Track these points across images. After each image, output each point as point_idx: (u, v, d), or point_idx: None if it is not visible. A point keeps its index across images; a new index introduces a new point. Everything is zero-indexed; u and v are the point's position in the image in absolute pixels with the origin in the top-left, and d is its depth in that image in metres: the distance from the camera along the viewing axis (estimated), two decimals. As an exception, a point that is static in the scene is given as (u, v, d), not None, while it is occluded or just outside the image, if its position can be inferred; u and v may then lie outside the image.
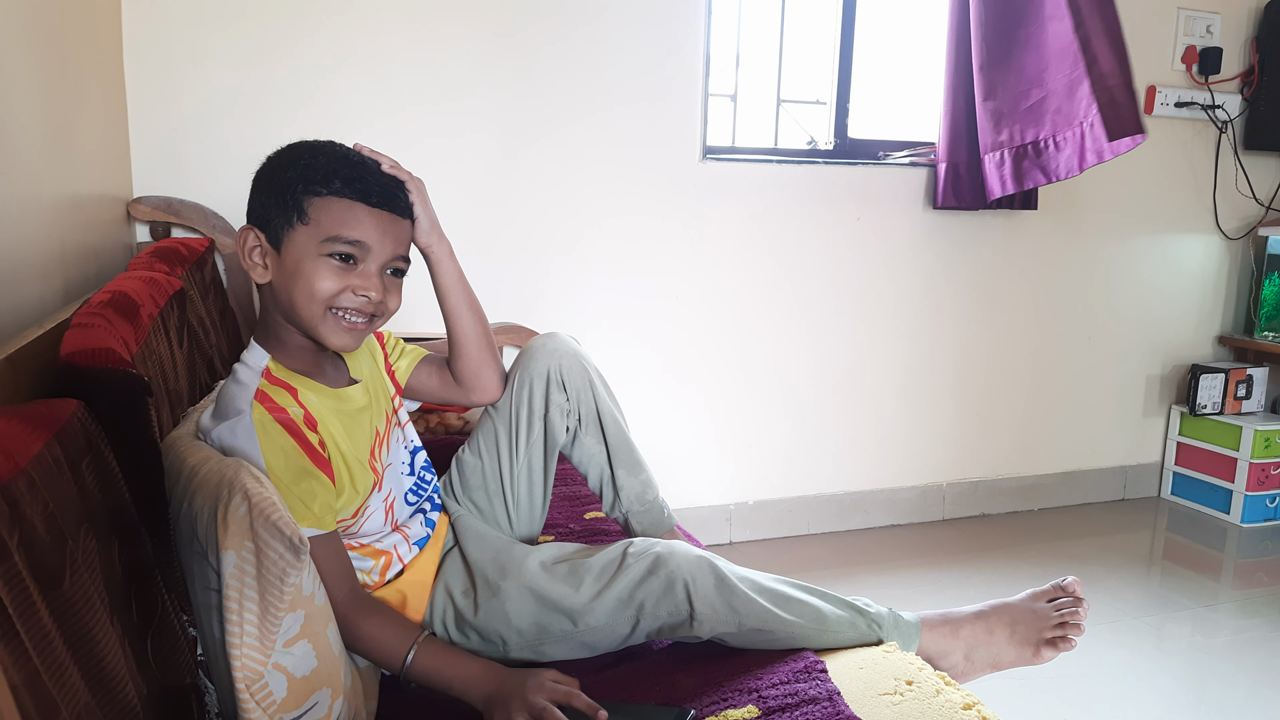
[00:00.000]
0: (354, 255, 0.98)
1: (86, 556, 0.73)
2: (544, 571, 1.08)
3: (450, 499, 1.26)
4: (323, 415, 1.00)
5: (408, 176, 1.08)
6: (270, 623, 0.79)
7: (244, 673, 0.77)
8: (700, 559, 1.07)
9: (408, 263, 1.04)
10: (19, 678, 0.58)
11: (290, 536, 0.79)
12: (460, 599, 1.09)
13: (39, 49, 1.22)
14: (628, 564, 1.06)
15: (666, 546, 1.08)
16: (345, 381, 1.09)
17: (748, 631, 1.05)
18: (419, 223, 1.09)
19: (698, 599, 1.03)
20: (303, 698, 0.82)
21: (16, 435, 0.69)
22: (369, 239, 0.98)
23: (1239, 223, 2.94)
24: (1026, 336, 2.76)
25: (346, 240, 0.97)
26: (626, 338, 2.33)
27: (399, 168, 1.07)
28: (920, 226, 2.56)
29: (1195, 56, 2.74)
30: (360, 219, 0.98)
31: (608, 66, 2.20)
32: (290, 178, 0.99)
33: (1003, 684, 1.85)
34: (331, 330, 0.99)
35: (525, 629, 1.06)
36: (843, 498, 2.63)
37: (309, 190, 0.98)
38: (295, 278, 0.97)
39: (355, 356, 1.12)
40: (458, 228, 2.14)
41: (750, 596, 1.05)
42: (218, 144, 1.93)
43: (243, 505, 0.79)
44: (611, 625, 1.05)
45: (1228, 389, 2.84)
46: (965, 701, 0.99)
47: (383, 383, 1.17)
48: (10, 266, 1.06)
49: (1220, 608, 2.23)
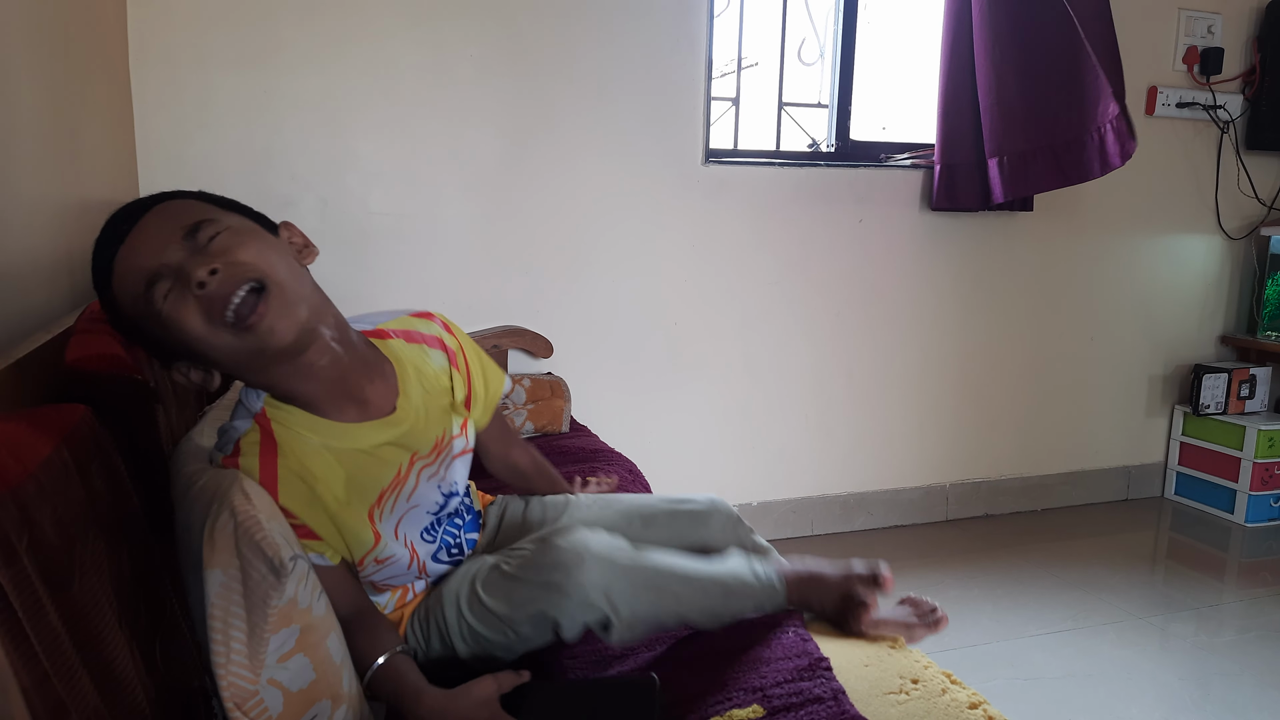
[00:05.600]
0: (159, 275, 0.83)
1: (95, 560, 0.73)
2: (481, 589, 1.02)
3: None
4: (307, 474, 0.91)
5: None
6: (258, 642, 0.77)
7: (232, 691, 0.75)
8: (604, 581, 0.98)
9: (211, 222, 0.85)
10: (29, 680, 0.58)
11: (271, 558, 0.76)
12: (423, 611, 1.07)
13: (45, 54, 1.23)
14: (534, 578, 0.99)
15: (566, 565, 0.98)
16: (381, 410, 0.97)
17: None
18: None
19: (615, 626, 0.99)
20: (301, 711, 0.80)
21: (25, 439, 0.70)
22: (145, 255, 0.83)
23: (1241, 222, 2.94)
24: (1029, 337, 2.76)
25: (143, 277, 0.83)
26: (629, 340, 2.34)
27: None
28: (922, 228, 2.56)
29: (1196, 57, 2.74)
30: (129, 255, 0.84)
31: (610, 71, 2.21)
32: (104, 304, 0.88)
33: (1008, 683, 1.85)
34: (241, 337, 0.84)
35: (475, 641, 1.04)
36: (846, 498, 2.64)
37: (100, 292, 0.87)
38: (183, 346, 0.85)
39: (407, 378, 1.00)
40: (461, 231, 2.16)
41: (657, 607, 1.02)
42: (223, 147, 1.94)
43: (230, 523, 0.77)
44: (540, 635, 1.01)
45: (1231, 389, 2.83)
46: (971, 700, 1.00)
47: (437, 417, 1.04)
48: (18, 271, 1.06)
49: (1224, 607, 2.22)
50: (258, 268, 0.84)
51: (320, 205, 2.04)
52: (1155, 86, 2.72)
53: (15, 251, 1.06)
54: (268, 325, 0.84)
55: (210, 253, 0.83)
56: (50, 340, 0.97)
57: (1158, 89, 2.72)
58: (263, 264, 0.85)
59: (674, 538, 1.20)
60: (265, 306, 0.84)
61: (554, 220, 2.22)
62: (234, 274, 0.83)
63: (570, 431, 2.06)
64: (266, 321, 0.84)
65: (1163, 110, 2.73)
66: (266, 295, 0.84)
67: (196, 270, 0.81)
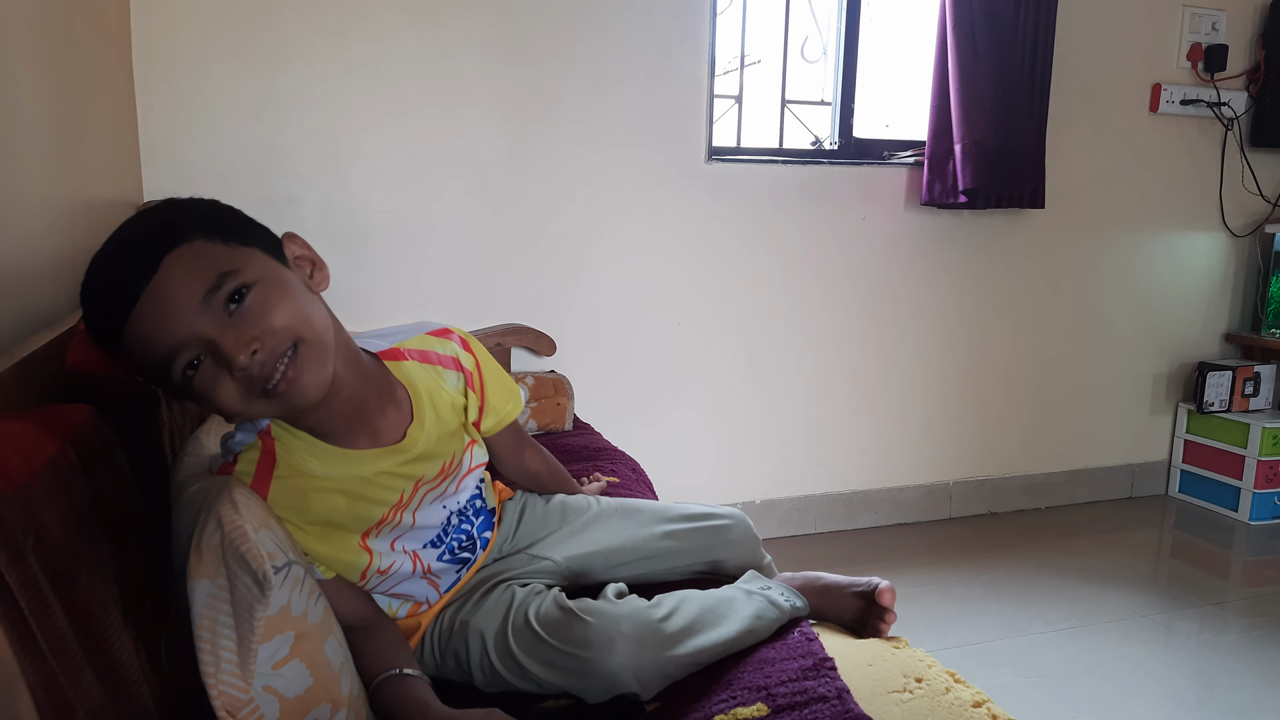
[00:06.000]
0: (182, 348, 0.76)
1: (100, 559, 0.73)
2: (513, 637, 1.01)
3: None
4: (302, 496, 0.89)
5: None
6: (247, 652, 0.75)
7: (224, 700, 0.74)
8: (636, 660, 0.97)
9: (233, 274, 0.77)
10: (35, 679, 0.58)
11: (256, 570, 0.74)
12: (445, 623, 1.07)
13: (48, 53, 1.23)
14: (564, 648, 0.98)
15: (596, 646, 0.96)
16: (391, 437, 0.95)
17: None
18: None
19: (641, 697, 0.98)
20: (298, 716, 0.79)
21: (31, 438, 0.70)
22: (166, 326, 0.76)
23: (1246, 220, 2.93)
24: (1033, 335, 2.76)
25: (164, 349, 0.76)
26: (632, 338, 2.34)
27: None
28: (926, 226, 2.56)
29: (1201, 54, 2.73)
30: (145, 324, 0.76)
31: (613, 68, 2.20)
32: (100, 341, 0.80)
33: (1012, 681, 1.85)
34: (272, 403, 0.81)
35: (494, 677, 1.02)
36: (849, 496, 2.63)
37: (103, 345, 0.79)
38: (211, 410, 0.81)
39: (425, 405, 0.98)
40: (464, 229, 2.16)
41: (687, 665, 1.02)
42: (226, 147, 1.94)
43: (216, 533, 0.76)
44: (561, 691, 1.00)
45: (1235, 386, 2.83)
46: (975, 699, 1.00)
47: (447, 441, 1.02)
48: (22, 270, 1.06)
49: (1229, 605, 2.22)
50: (294, 330, 0.80)
51: (323, 204, 2.04)
52: (1159, 83, 2.71)
53: (19, 251, 1.06)
54: (299, 388, 0.81)
55: (244, 322, 0.77)
56: (54, 340, 0.98)
57: (1162, 86, 2.71)
58: (298, 324, 0.81)
59: (691, 549, 1.21)
60: (297, 368, 0.80)
61: (557, 218, 2.22)
62: (274, 346, 0.79)
63: (573, 430, 2.06)
64: (299, 384, 0.81)
65: (1166, 107, 2.73)
66: (297, 355, 0.80)
67: (239, 354, 0.76)
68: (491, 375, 1.10)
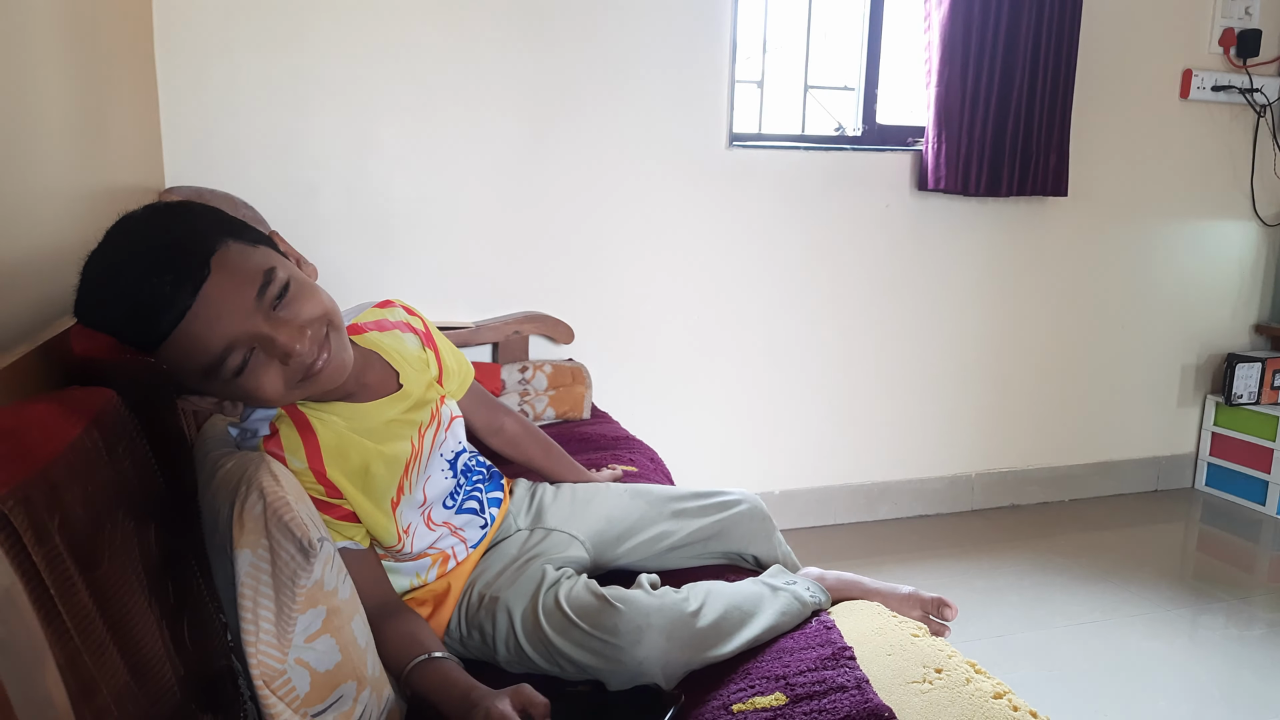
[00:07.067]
0: (236, 345, 0.81)
1: (124, 540, 0.74)
2: (543, 614, 1.02)
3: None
4: (343, 446, 0.95)
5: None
6: (286, 621, 0.78)
7: (261, 670, 0.76)
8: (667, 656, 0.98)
9: (273, 271, 0.82)
10: (61, 657, 0.59)
11: (300, 538, 0.77)
12: (474, 597, 1.09)
13: (71, 41, 1.24)
14: (594, 633, 0.99)
15: (626, 636, 0.97)
16: (392, 388, 1.03)
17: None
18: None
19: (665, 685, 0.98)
20: (326, 691, 0.81)
21: (55, 420, 0.70)
22: (222, 326, 0.80)
23: (1278, 208, 2.87)
24: (1059, 325, 2.72)
25: (219, 347, 0.80)
26: (653, 325, 2.33)
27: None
28: (950, 213, 2.53)
29: (1233, 39, 2.67)
30: (201, 327, 0.79)
31: (634, 54, 2.19)
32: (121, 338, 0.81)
33: (1034, 674, 1.83)
34: (306, 387, 0.87)
35: (517, 653, 1.04)
36: (870, 488, 2.62)
37: (139, 346, 0.80)
38: (247, 401, 0.88)
39: (400, 361, 1.05)
40: (482, 215, 2.16)
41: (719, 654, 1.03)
42: (248, 134, 1.95)
43: (259, 504, 0.78)
44: (585, 674, 1.00)
45: (1264, 378, 2.78)
46: (996, 690, 0.99)
47: (430, 391, 1.09)
48: (45, 257, 1.07)
49: (1255, 600, 2.19)
50: (326, 317, 0.87)
51: (344, 191, 2.04)
52: (1190, 69, 2.66)
53: (42, 237, 1.07)
54: (334, 367, 0.88)
55: (288, 314, 0.83)
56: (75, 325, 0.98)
57: (1193, 72, 2.66)
58: (330, 311, 0.88)
59: (703, 526, 1.23)
60: (332, 350, 0.88)
61: (576, 205, 2.22)
62: (317, 333, 0.86)
63: (591, 418, 2.05)
64: (334, 364, 0.88)
65: (1197, 94, 2.67)
66: (329, 339, 0.88)
67: (295, 345, 0.82)
68: (439, 337, 1.17)
